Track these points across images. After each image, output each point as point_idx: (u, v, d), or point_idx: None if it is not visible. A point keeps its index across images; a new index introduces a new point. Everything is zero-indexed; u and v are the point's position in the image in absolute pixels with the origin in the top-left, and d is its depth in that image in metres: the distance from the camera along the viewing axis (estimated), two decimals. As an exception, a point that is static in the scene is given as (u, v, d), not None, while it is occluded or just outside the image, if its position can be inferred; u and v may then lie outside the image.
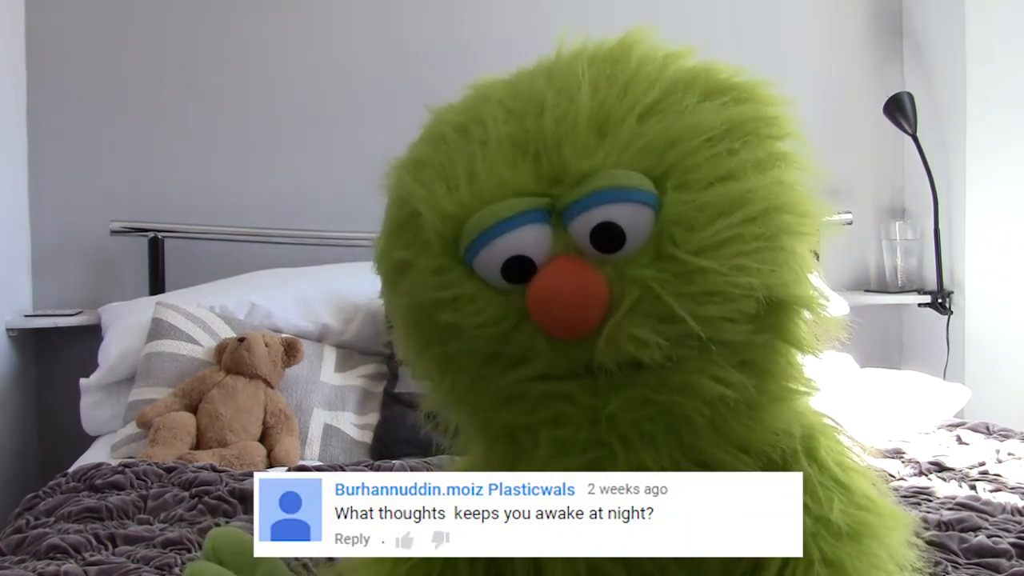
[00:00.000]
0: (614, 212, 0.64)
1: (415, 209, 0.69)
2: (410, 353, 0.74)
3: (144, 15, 2.54)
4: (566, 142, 0.65)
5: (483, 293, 0.66)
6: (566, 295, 0.63)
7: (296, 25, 2.61)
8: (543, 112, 0.67)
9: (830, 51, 2.86)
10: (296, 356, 1.99)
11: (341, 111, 2.59)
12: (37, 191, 2.47)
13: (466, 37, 2.59)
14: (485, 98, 0.71)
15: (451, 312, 0.66)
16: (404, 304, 0.71)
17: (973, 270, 2.66)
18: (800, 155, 0.70)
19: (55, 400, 2.41)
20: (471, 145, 0.68)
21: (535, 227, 0.65)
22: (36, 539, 1.24)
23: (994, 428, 1.85)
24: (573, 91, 0.67)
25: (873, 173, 2.88)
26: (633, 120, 0.66)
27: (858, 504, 0.70)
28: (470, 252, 0.66)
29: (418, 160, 0.72)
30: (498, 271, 0.65)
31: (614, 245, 0.64)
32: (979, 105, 2.61)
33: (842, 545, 0.68)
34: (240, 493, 1.44)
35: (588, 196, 0.64)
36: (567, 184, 0.65)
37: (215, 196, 2.54)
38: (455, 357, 0.68)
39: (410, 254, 0.70)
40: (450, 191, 0.67)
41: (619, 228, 0.64)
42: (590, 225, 0.64)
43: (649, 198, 0.64)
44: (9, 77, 2.39)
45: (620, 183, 0.64)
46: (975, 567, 1.14)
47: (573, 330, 0.63)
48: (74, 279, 2.49)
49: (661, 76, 0.68)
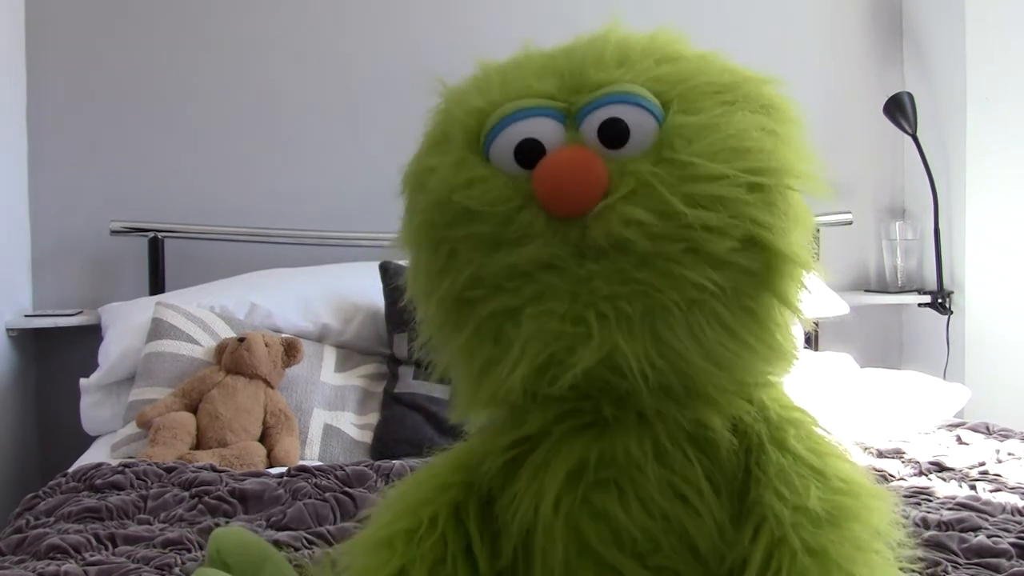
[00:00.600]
0: (622, 111, 0.71)
1: (449, 125, 0.77)
2: (419, 265, 0.77)
3: (144, 15, 2.54)
4: (590, 64, 0.74)
5: (495, 176, 0.72)
6: (569, 171, 0.69)
7: (296, 25, 2.61)
8: (574, 50, 0.77)
9: (830, 51, 2.86)
10: (296, 356, 1.99)
11: (341, 112, 2.60)
12: (37, 191, 2.47)
13: (468, 39, 2.59)
14: (527, 51, 0.81)
15: (464, 194, 0.72)
16: (424, 203, 0.76)
17: (973, 270, 2.66)
18: (798, 139, 0.74)
19: (55, 400, 2.41)
20: (507, 66, 0.78)
21: (550, 120, 0.73)
22: (36, 539, 1.24)
23: (994, 428, 1.85)
24: (603, 37, 0.77)
25: (873, 173, 2.88)
26: (651, 62, 0.74)
27: (835, 488, 0.71)
28: (488, 138, 0.73)
29: (461, 87, 0.81)
30: (511, 154, 0.72)
31: (619, 141, 0.70)
32: (979, 105, 2.61)
33: (823, 532, 0.68)
34: (240, 493, 1.44)
35: (600, 98, 0.72)
36: (584, 93, 0.73)
37: (215, 196, 2.54)
38: (460, 251, 0.73)
39: (437, 159, 0.76)
40: (481, 93, 0.76)
41: (624, 124, 0.70)
42: (599, 121, 0.71)
43: (655, 108, 0.71)
44: (9, 77, 2.39)
45: (630, 90, 0.72)
46: (975, 567, 1.14)
47: (571, 207, 0.68)
48: (74, 279, 2.49)
49: (681, 48, 0.77)
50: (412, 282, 0.79)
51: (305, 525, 1.33)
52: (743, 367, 0.72)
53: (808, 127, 0.75)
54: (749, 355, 0.71)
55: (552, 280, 0.69)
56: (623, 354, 0.68)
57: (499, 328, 0.72)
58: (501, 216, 0.70)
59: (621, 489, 0.72)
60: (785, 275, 0.71)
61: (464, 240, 0.72)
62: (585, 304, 0.68)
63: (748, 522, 0.71)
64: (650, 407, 0.72)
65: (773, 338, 0.73)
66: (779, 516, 0.69)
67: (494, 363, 0.73)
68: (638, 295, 0.68)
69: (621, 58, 0.74)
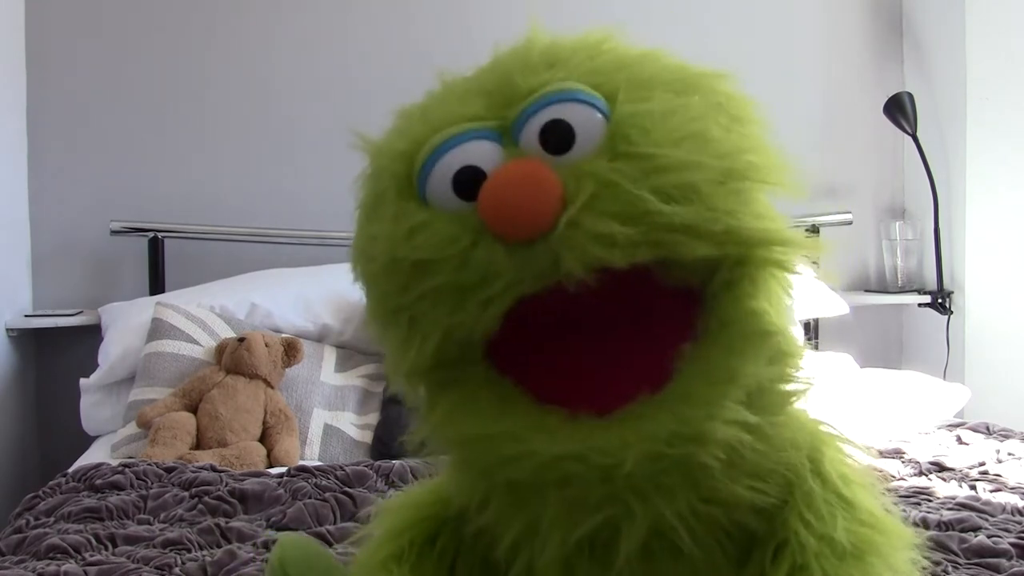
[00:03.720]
0: (561, 110, 0.63)
1: (379, 186, 0.69)
2: (386, 345, 0.72)
3: (144, 15, 2.54)
4: (516, 72, 0.66)
5: (437, 217, 0.64)
6: (515, 188, 0.60)
7: (297, 25, 2.61)
8: (497, 64, 0.69)
9: (830, 51, 2.86)
10: (296, 356, 1.99)
11: (342, 112, 2.59)
12: (37, 191, 2.47)
13: (468, 40, 2.59)
14: (444, 82, 0.73)
15: (407, 246, 0.64)
16: (371, 275, 0.70)
17: (973, 270, 2.66)
18: (763, 139, 0.66)
19: (55, 400, 2.41)
20: (428, 100, 0.71)
21: (485, 143, 0.65)
22: (36, 539, 1.24)
23: (994, 428, 1.84)
24: (528, 42, 0.70)
25: (873, 173, 2.88)
26: (583, 57, 0.66)
27: (862, 520, 0.69)
28: (422, 177, 0.65)
29: (382, 141, 0.74)
30: (450, 188, 0.64)
31: (565, 145, 0.62)
32: (979, 105, 2.61)
33: (845, 565, 0.66)
34: (240, 493, 1.44)
35: (535, 102, 0.64)
36: (515, 103, 0.65)
37: (215, 196, 2.54)
38: (422, 313, 0.65)
39: (376, 226, 0.68)
40: (403, 134, 0.69)
41: (567, 124, 0.62)
42: (539, 124, 0.63)
43: (599, 102, 0.63)
44: (9, 77, 2.39)
45: (567, 87, 0.64)
46: (975, 567, 1.14)
47: (526, 225, 0.60)
48: (74, 279, 2.49)
49: (614, 45, 0.69)
50: (390, 366, 0.73)
51: (305, 525, 1.33)
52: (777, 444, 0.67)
53: (770, 129, 0.67)
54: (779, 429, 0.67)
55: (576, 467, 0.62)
56: (667, 520, 0.64)
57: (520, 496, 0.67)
58: (454, 260, 0.62)
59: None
60: (767, 263, 0.64)
61: (421, 301, 0.64)
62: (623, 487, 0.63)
63: (769, 542, 0.69)
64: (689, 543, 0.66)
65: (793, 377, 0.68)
66: (803, 543, 0.66)
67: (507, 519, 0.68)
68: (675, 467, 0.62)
69: (550, 60, 0.66)
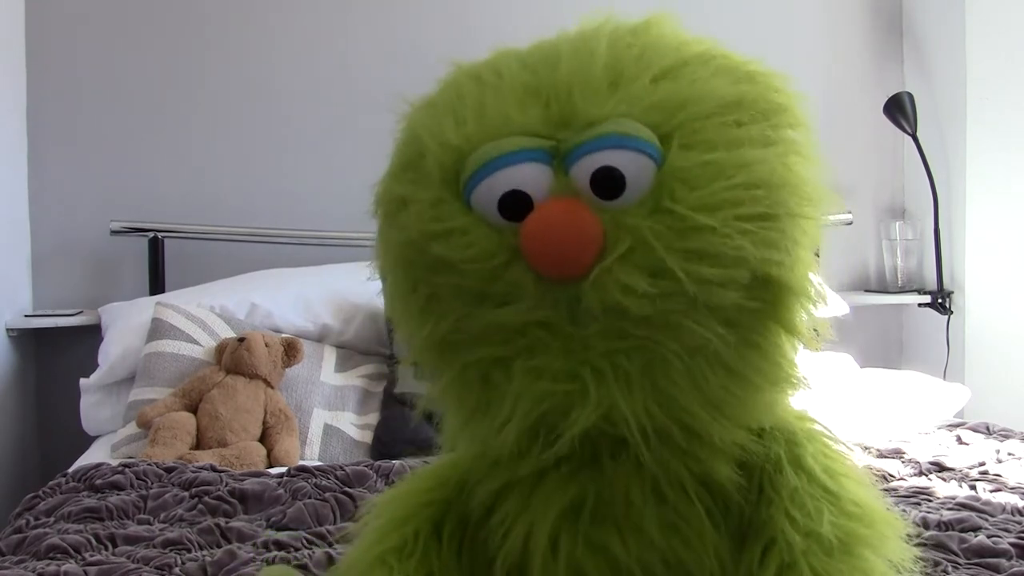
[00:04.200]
0: (616, 157, 0.64)
1: (422, 149, 0.70)
2: (396, 300, 0.73)
3: (144, 15, 2.54)
4: (577, 89, 0.66)
5: (477, 227, 0.65)
6: (560, 232, 0.62)
7: (296, 25, 2.61)
8: (559, 64, 0.68)
9: (830, 51, 2.86)
10: (296, 356, 1.99)
11: (342, 111, 2.59)
12: (37, 191, 2.47)
13: (468, 39, 2.58)
14: (503, 53, 0.73)
15: (443, 245, 0.66)
16: (398, 240, 0.70)
17: (973, 270, 2.66)
18: (807, 144, 0.69)
19: (55, 400, 2.41)
20: (484, 88, 0.70)
21: (536, 166, 0.65)
22: (36, 539, 1.24)
23: (994, 428, 1.84)
24: (591, 47, 0.68)
25: (873, 173, 2.88)
26: (647, 79, 0.66)
27: (848, 513, 0.69)
28: (469, 185, 0.66)
29: (430, 102, 0.73)
30: (495, 205, 0.65)
31: (614, 192, 0.64)
32: (979, 105, 2.61)
33: (834, 561, 0.66)
34: (240, 493, 1.44)
35: (592, 140, 0.64)
36: (573, 129, 0.65)
37: (215, 196, 2.54)
38: (441, 296, 0.67)
39: (410, 190, 0.69)
40: (457, 125, 0.68)
41: (619, 173, 0.63)
42: (591, 168, 0.64)
43: (653, 150, 0.64)
44: (9, 77, 2.39)
45: (625, 130, 0.64)
46: (975, 567, 1.13)
47: (564, 269, 0.63)
48: (74, 279, 2.49)
49: (679, 48, 0.69)
50: (390, 308, 0.75)
51: (305, 525, 1.33)
52: (748, 410, 0.68)
53: (814, 128, 0.71)
54: (755, 396, 0.68)
55: (543, 335, 0.65)
56: (621, 412, 0.64)
57: (486, 374, 0.68)
58: (486, 273, 0.64)
59: (619, 527, 0.69)
60: (794, 306, 0.68)
61: (444, 287, 0.67)
62: (580, 360, 0.64)
63: (756, 542, 0.69)
64: (650, 458, 0.67)
65: (780, 371, 0.69)
66: (790, 541, 0.67)
67: (482, 410, 0.69)
68: (636, 349, 0.64)
69: (613, 76, 0.67)
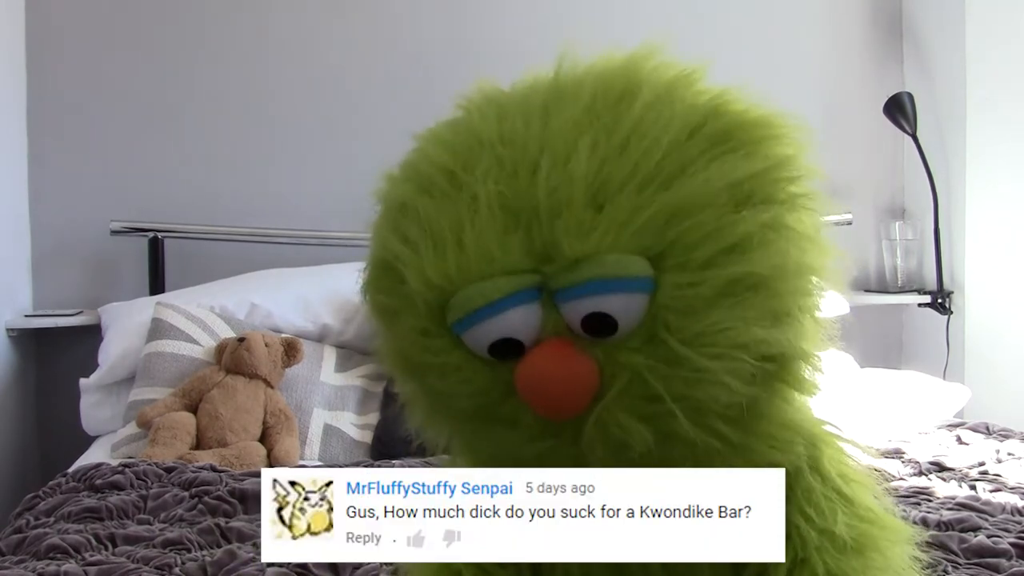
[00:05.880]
0: (608, 303, 0.62)
1: (400, 274, 0.67)
2: (400, 383, 0.74)
3: (144, 15, 2.54)
4: (559, 218, 0.62)
5: (470, 364, 0.65)
6: (555, 381, 0.62)
7: (296, 25, 2.61)
8: (536, 172, 0.63)
9: (830, 51, 2.86)
10: (296, 356, 1.99)
11: (341, 111, 2.59)
12: (37, 191, 2.47)
13: (467, 38, 2.59)
14: (477, 139, 0.67)
15: (438, 378, 0.67)
16: (393, 348, 0.71)
17: (973, 270, 2.66)
18: (813, 196, 0.67)
19: (55, 400, 2.41)
20: (459, 199, 0.65)
21: (524, 308, 0.63)
22: (36, 539, 1.24)
23: (994, 428, 1.85)
24: (569, 151, 0.63)
25: (873, 173, 2.88)
26: (633, 189, 0.62)
27: (861, 516, 0.70)
28: (456, 328, 0.65)
29: (403, 204, 0.68)
30: (485, 350, 0.64)
31: (606, 332, 0.62)
32: (979, 105, 2.61)
33: (846, 559, 0.67)
34: (240, 493, 1.44)
35: (580, 285, 0.62)
36: (559, 265, 0.62)
37: (215, 196, 2.54)
38: (443, 408, 0.69)
39: (395, 303, 0.68)
40: (436, 257, 0.64)
41: (612, 320, 0.62)
42: (581, 313, 0.62)
43: (645, 285, 0.62)
44: (9, 77, 2.39)
45: (615, 273, 0.61)
46: (975, 567, 1.14)
47: (561, 413, 0.63)
48: (74, 279, 2.49)
49: (667, 122, 0.64)
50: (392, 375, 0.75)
51: (305, 525, 1.33)
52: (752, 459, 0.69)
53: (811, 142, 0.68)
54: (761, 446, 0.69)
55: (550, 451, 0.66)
56: None
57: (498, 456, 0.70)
58: (484, 404, 0.66)
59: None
60: (799, 370, 0.68)
61: (446, 404, 0.69)
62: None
63: None
64: None
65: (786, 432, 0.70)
66: (804, 536, 0.68)
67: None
68: (644, 458, 0.64)
69: (595, 189, 0.62)
